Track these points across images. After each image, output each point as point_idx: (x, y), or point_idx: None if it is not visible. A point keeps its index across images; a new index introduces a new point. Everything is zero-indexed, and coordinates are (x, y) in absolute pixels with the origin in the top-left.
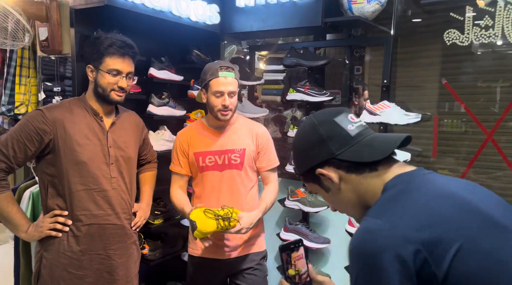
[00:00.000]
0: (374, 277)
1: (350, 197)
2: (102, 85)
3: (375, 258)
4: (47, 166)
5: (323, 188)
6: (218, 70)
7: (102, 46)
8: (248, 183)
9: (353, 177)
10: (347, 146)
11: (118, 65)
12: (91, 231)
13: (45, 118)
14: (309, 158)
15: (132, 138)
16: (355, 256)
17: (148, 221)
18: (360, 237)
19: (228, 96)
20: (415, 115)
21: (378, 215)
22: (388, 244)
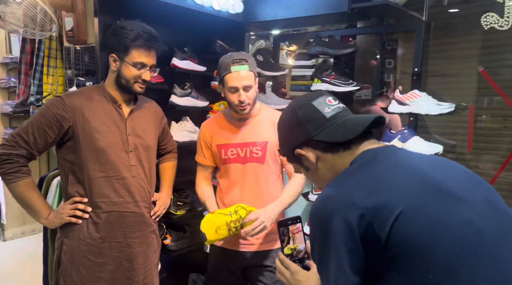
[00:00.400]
0: (325, 238)
1: (327, 175)
2: (126, 77)
3: (326, 221)
4: (67, 153)
5: (303, 167)
6: (230, 64)
7: (129, 37)
8: (271, 176)
9: (329, 156)
10: (322, 127)
11: (143, 59)
12: (110, 218)
13: (64, 105)
14: (290, 139)
15: (151, 126)
16: (313, 221)
17: (170, 211)
18: (315, 205)
19: (244, 90)
20: (449, 105)
21: (334, 185)
22: (337, 209)
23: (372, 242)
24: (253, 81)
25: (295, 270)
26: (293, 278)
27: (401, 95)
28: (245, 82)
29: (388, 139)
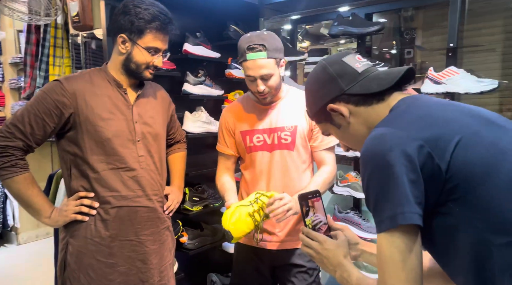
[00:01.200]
0: (384, 174)
1: (361, 130)
2: (138, 62)
3: (384, 156)
4: (68, 144)
5: (334, 125)
6: (246, 51)
7: (144, 18)
8: (301, 165)
9: (362, 109)
10: (355, 81)
11: (158, 43)
12: (120, 214)
13: (64, 89)
14: (320, 96)
15: (159, 113)
16: (366, 160)
17: (186, 207)
18: (369, 143)
19: (262, 80)
20: (491, 81)
21: (386, 124)
22: (394, 143)
23: (432, 173)
24: (273, 68)
25: (323, 240)
26: (323, 247)
27: (436, 73)
28: (262, 71)
29: None
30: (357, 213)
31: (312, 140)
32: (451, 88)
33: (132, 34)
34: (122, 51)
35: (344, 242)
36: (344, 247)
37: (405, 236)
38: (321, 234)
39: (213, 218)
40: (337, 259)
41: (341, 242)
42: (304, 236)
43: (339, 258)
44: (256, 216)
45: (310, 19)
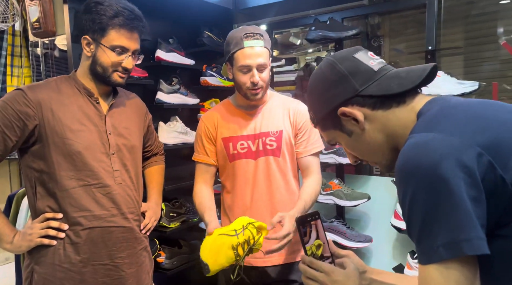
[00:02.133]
0: (435, 191)
1: (377, 138)
2: (103, 64)
3: (434, 169)
4: (33, 159)
5: (344, 133)
6: (243, 38)
7: (106, 14)
8: (288, 172)
9: (380, 114)
10: (371, 81)
11: (124, 42)
12: (92, 236)
13: (27, 99)
14: (329, 99)
15: (135, 123)
16: (408, 175)
17: (163, 224)
18: (410, 154)
19: (258, 70)
20: (471, 83)
21: (427, 129)
22: (446, 151)
23: (494, 187)
24: (268, 60)
25: (331, 270)
26: (330, 279)
27: None
28: (259, 59)
29: None
30: (342, 221)
31: (297, 145)
32: (433, 91)
33: (95, 33)
34: (88, 54)
35: (354, 272)
36: (354, 278)
37: (465, 268)
38: (326, 263)
39: (192, 234)
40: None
41: (351, 271)
42: (306, 266)
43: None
44: (240, 250)
45: (286, 24)
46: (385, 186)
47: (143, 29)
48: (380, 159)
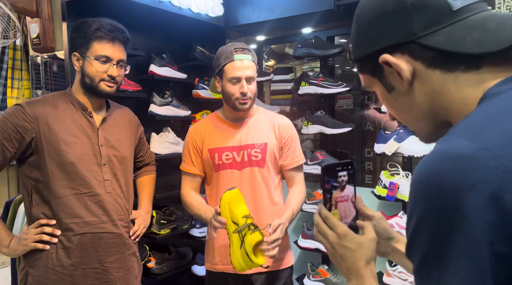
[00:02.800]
0: (446, 226)
1: (423, 104)
2: (90, 74)
3: (455, 196)
4: (29, 169)
5: (383, 86)
6: (233, 52)
7: (89, 30)
8: (272, 183)
9: (436, 75)
10: (441, 24)
11: (107, 51)
12: (83, 241)
13: (25, 114)
14: (375, 36)
15: (126, 136)
16: (421, 190)
17: (153, 231)
18: (436, 167)
19: (246, 82)
20: None
21: (470, 134)
22: (482, 178)
23: None
24: (255, 73)
25: (344, 233)
26: (340, 243)
27: None
28: (248, 72)
29: (384, 140)
30: None
31: (282, 158)
32: None
33: (82, 48)
34: (77, 69)
35: (371, 242)
36: (369, 249)
37: None
38: (343, 224)
39: (182, 241)
40: (356, 263)
41: (367, 241)
42: (320, 219)
43: (359, 263)
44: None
45: (275, 41)
46: (366, 196)
47: (125, 39)
48: (421, 128)
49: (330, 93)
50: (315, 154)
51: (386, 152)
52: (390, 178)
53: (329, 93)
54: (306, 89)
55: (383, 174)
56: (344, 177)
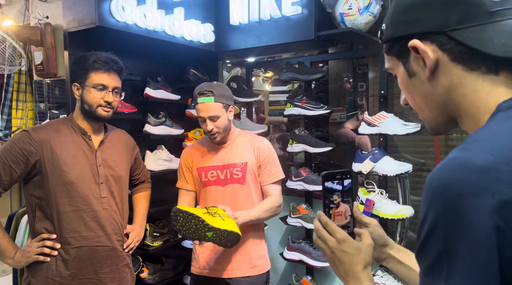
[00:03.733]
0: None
1: (437, 96)
2: (88, 101)
3: (471, 204)
4: (34, 188)
5: (406, 70)
6: (197, 96)
7: (87, 62)
8: (252, 198)
9: (458, 70)
10: (475, 22)
11: (103, 80)
12: (80, 254)
13: (31, 138)
14: (410, 20)
15: (122, 156)
16: (438, 195)
17: (146, 243)
18: (455, 173)
19: (210, 120)
20: (415, 125)
21: (490, 146)
22: (497, 188)
23: None
24: (221, 111)
25: (343, 238)
26: (339, 248)
27: (370, 117)
28: (210, 112)
29: (360, 160)
30: (309, 242)
31: (260, 175)
32: (382, 130)
33: (81, 78)
34: (77, 97)
35: (368, 247)
36: (366, 254)
37: None
38: (340, 229)
39: (174, 252)
40: (353, 267)
41: (365, 246)
42: (320, 225)
43: (357, 267)
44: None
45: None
46: None
47: (119, 69)
48: (430, 118)
49: (312, 115)
50: (299, 171)
51: (362, 170)
52: (367, 195)
53: (312, 115)
54: (291, 111)
55: (361, 191)
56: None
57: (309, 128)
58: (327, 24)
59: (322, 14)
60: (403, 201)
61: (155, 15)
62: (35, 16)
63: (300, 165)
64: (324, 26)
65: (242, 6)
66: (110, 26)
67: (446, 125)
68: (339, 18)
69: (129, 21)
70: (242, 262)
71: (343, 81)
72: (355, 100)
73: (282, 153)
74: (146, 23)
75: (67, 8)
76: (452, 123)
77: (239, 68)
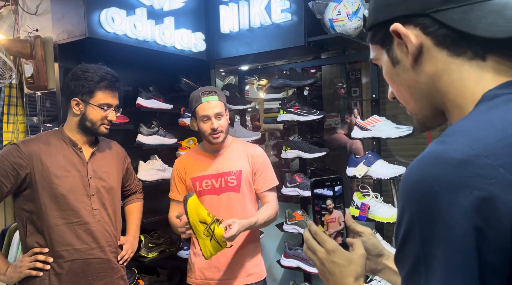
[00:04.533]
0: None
1: (423, 84)
2: (93, 119)
3: (448, 202)
4: (24, 202)
5: (390, 58)
6: (201, 96)
7: (93, 80)
8: (247, 206)
9: (443, 55)
10: (460, 2)
11: (109, 100)
12: (74, 267)
13: (20, 152)
14: (391, 3)
15: (113, 167)
16: (412, 194)
17: (141, 254)
18: (430, 168)
19: (215, 118)
20: (407, 128)
21: (469, 138)
22: (477, 185)
23: None
24: (224, 110)
25: (333, 249)
26: (329, 259)
27: (362, 121)
28: (216, 110)
29: (354, 164)
30: None
31: (255, 183)
32: (375, 134)
33: (84, 95)
34: (77, 112)
35: (360, 258)
36: (358, 265)
37: None
38: (332, 239)
39: (170, 263)
40: (344, 280)
41: (357, 257)
42: (310, 235)
43: (348, 280)
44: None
45: (255, 71)
46: None
47: (122, 87)
48: (417, 110)
49: (305, 120)
50: (294, 177)
51: (356, 175)
52: (362, 199)
53: (304, 120)
54: (284, 117)
55: (355, 195)
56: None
57: (303, 134)
58: (317, 30)
59: (312, 21)
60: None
61: (145, 25)
62: (25, 29)
63: (296, 172)
64: (314, 32)
65: (232, 15)
66: (100, 37)
67: (434, 118)
68: (329, 24)
69: (119, 32)
70: (238, 271)
71: (337, 87)
72: (349, 105)
73: (278, 160)
74: (136, 33)
75: (57, 20)
76: (440, 117)
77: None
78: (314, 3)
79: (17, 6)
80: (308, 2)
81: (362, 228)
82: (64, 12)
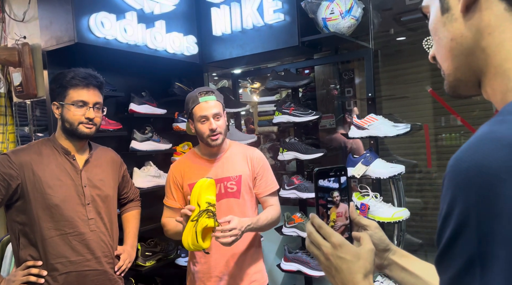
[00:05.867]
0: (486, 227)
1: (468, 38)
2: (69, 119)
3: (496, 188)
4: (16, 214)
5: (440, 3)
6: (198, 96)
7: (65, 79)
8: (248, 211)
9: (500, 8)
10: None
11: (83, 96)
12: (69, 280)
13: (11, 162)
14: None
15: (109, 175)
16: (470, 179)
17: (139, 263)
18: (491, 151)
19: (214, 119)
20: (404, 126)
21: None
22: None
23: None
24: (222, 110)
25: (339, 243)
26: (336, 254)
27: (359, 120)
28: (214, 110)
29: (352, 164)
30: (306, 252)
31: (256, 187)
32: (373, 133)
33: (60, 96)
34: (58, 116)
35: (369, 253)
36: (367, 261)
37: None
38: (337, 233)
39: (168, 271)
40: (352, 276)
41: (365, 251)
42: (313, 229)
43: (356, 276)
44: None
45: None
46: None
47: (99, 84)
48: (450, 70)
49: (301, 121)
50: (291, 179)
51: (355, 175)
52: (361, 199)
53: (300, 121)
54: (279, 118)
55: (355, 196)
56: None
57: (299, 135)
58: (310, 30)
59: (305, 20)
60: (398, 204)
61: (135, 29)
62: (12, 36)
63: (293, 174)
64: (308, 32)
65: (224, 17)
66: (89, 43)
67: (467, 85)
68: (322, 23)
69: (109, 37)
70: (241, 279)
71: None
72: (344, 105)
73: (274, 162)
74: (127, 38)
75: (45, 27)
76: (474, 86)
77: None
78: (306, 3)
79: (3, 14)
80: (300, 2)
81: (367, 221)
82: (52, 18)
